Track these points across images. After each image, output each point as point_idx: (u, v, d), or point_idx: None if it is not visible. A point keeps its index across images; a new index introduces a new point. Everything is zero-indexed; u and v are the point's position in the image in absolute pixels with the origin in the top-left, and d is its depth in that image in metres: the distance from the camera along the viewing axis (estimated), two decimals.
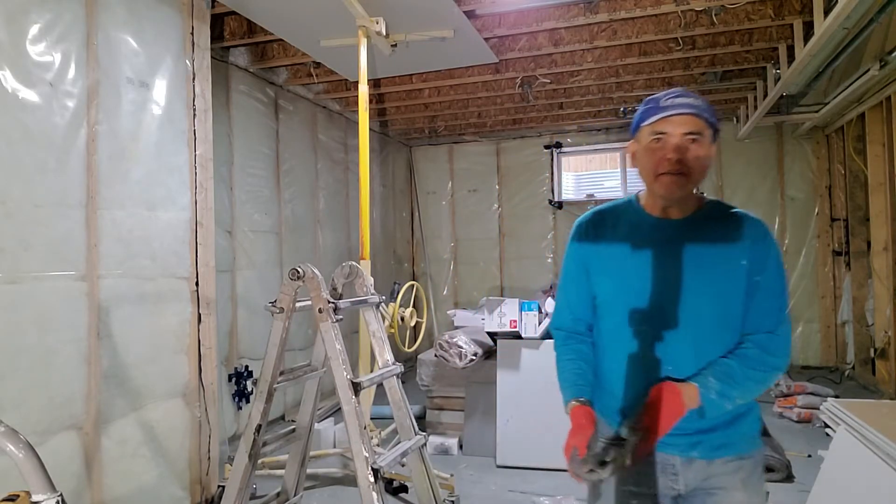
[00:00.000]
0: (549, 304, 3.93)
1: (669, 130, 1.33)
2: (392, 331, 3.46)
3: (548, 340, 3.69)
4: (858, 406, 2.77)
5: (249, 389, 4.13)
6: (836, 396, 4.21)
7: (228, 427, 3.95)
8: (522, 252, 7.01)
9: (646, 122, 1.37)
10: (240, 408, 4.08)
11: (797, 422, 4.27)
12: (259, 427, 2.15)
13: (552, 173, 6.90)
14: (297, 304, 2.20)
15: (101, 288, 2.50)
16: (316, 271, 2.13)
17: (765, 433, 3.68)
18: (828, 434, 3.00)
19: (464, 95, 5.16)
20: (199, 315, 3.01)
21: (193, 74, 3.02)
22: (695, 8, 3.49)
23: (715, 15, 3.60)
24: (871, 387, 5.03)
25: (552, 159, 6.90)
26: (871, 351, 5.05)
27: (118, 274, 2.58)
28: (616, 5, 3.49)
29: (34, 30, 2.28)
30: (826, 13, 3.08)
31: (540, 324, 3.70)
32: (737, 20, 3.64)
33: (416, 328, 3.77)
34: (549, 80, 4.81)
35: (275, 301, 2.18)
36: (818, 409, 3.66)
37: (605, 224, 1.50)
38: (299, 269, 2.12)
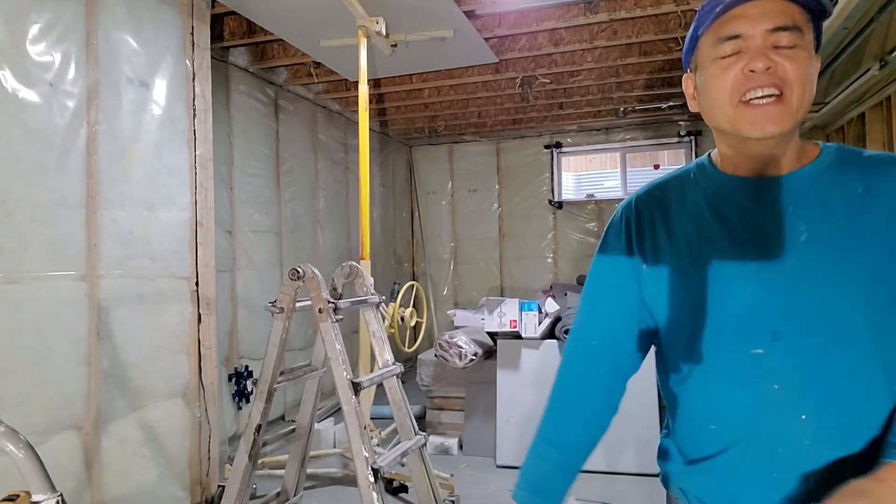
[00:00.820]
0: (549, 305, 3.93)
1: (745, 30, 0.83)
2: (392, 331, 3.46)
3: (548, 340, 3.69)
4: None
5: (249, 389, 4.13)
6: None
7: (228, 427, 3.95)
8: (522, 252, 7.01)
9: (705, 27, 0.87)
10: (240, 408, 4.08)
11: None
12: (259, 427, 2.15)
13: (552, 173, 6.90)
14: (297, 304, 2.20)
15: (101, 288, 2.50)
16: (316, 271, 2.13)
17: None
18: None
19: (464, 95, 5.16)
20: (199, 315, 3.01)
21: (193, 74, 3.02)
22: (695, 8, 3.49)
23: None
24: None
25: (552, 159, 6.90)
26: None
27: (118, 274, 2.58)
28: (616, 5, 3.49)
29: (34, 30, 2.28)
30: None
31: (540, 324, 3.70)
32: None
33: (416, 328, 3.78)
34: (549, 80, 4.81)
35: (275, 301, 2.18)
36: None
37: (668, 202, 0.98)
38: (299, 269, 2.12)
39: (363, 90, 3.35)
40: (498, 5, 3.47)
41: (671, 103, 5.66)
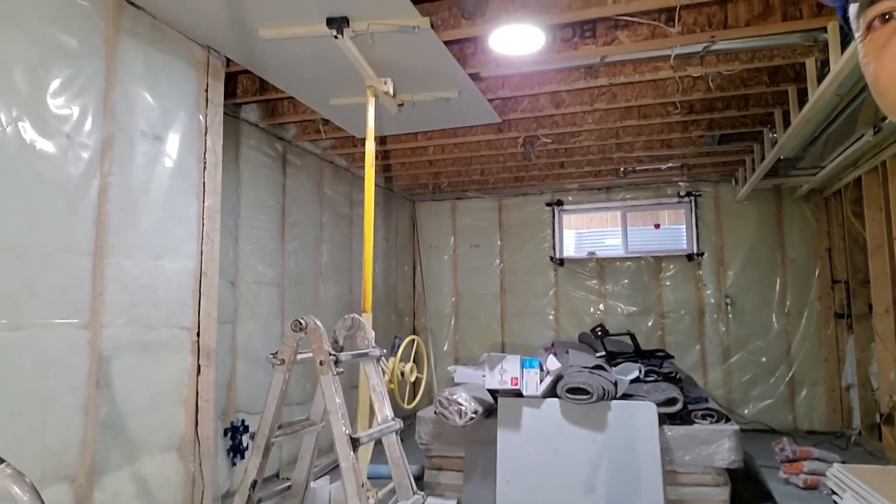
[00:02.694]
0: (551, 362, 3.90)
1: None
2: (392, 386, 3.42)
3: (550, 399, 3.64)
4: (865, 472, 2.72)
5: (245, 445, 4.05)
6: (843, 462, 4.12)
7: (222, 483, 3.85)
8: (524, 308, 7.00)
9: None
10: (234, 464, 3.99)
11: (803, 488, 4.15)
12: (255, 483, 2.11)
13: (553, 230, 6.97)
14: (298, 356, 2.20)
15: (104, 336, 2.49)
16: (318, 323, 2.13)
17: (771, 499, 3.59)
18: (835, 501, 2.92)
19: (467, 153, 5.28)
20: (199, 366, 2.99)
21: (206, 129, 3.10)
22: (692, 74, 3.62)
23: (711, 81, 3.72)
24: (877, 453, 4.92)
25: (553, 216, 6.99)
26: (877, 416, 4.96)
27: (121, 323, 2.59)
28: (615, 70, 3.62)
29: (55, 84, 2.35)
30: (819, 80, 3.18)
31: (541, 382, 3.66)
32: (733, 86, 3.76)
33: (415, 384, 3.73)
34: (550, 140, 4.92)
35: (276, 352, 2.18)
36: (825, 475, 3.58)
37: None
38: (302, 321, 2.13)
39: (370, 147, 3.44)
40: (501, 69, 3.59)
41: (670, 164, 5.77)
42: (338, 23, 2.79)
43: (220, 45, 3.11)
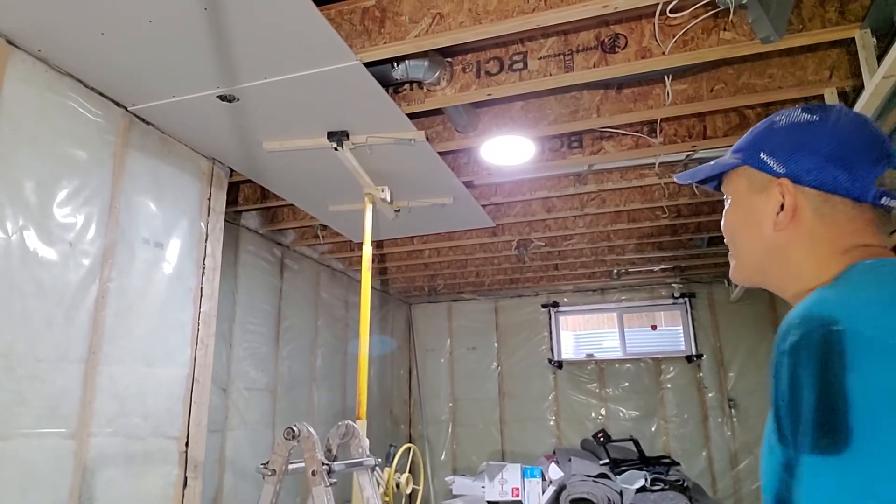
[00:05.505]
0: (553, 471, 3.76)
1: None
2: (387, 499, 3.27)
3: None
4: None
5: None
6: None
7: None
8: (523, 414, 6.82)
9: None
10: None
11: None
12: None
13: (551, 332, 6.93)
14: (290, 467, 2.12)
15: (90, 447, 2.41)
16: (312, 430, 2.08)
17: None
18: None
19: (462, 256, 5.37)
20: (186, 479, 2.86)
21: (206, 235, 3.17)
22: (675, 181, 3.75)
23: (696, 186, 3.87)
24: None
25: (550, 318, 6.98)
26: None
27: (108, 432, 2.51)
28: (603, 177, 3.77)
29: (62, 194, 2.43)
30: None
31: (544, 492, 3.51)
32: (715, 192, 3.89)
33: (412, 496, 3.57)
34: (543, 243, 5.02)
35: (266, 462, 2.10)
36: None
37: None
38: (295, 428, 2.08)
39: (367, 251, 3.50)
40: (494, 177, 3.74)
41: (662, 266, 5.86)
42: (338, 136, 2.94)
43: (225, 156, 3.25)
